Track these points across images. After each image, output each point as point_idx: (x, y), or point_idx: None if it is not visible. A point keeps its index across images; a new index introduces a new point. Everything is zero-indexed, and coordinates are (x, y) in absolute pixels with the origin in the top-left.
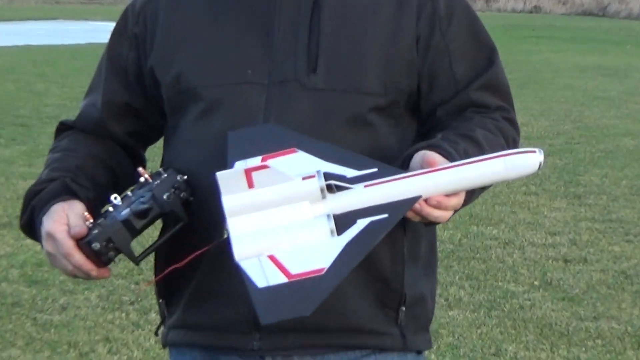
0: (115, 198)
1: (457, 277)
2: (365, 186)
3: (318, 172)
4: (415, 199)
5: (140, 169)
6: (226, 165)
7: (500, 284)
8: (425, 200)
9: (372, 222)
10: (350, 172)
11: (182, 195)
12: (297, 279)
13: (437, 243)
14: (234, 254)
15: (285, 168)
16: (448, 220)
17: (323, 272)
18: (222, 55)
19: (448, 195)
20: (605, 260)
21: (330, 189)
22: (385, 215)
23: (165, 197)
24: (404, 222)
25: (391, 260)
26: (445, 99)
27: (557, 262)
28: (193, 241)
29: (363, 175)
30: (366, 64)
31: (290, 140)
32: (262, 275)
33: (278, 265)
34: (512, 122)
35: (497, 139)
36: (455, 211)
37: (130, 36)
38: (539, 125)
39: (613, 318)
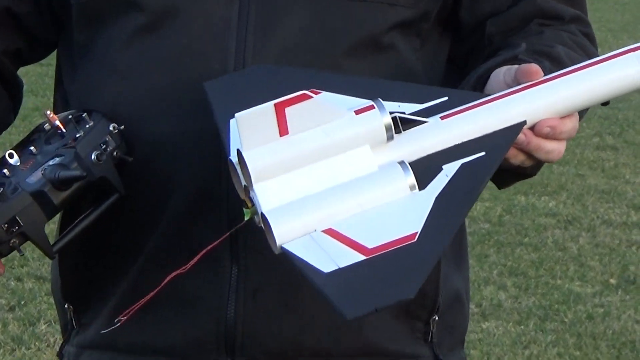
0: (10, 156)
1: (494, 272)
2: (442, 118)
3: (377, 101)
4: (519, 127)
5: (49, 112)
6: (208, 123)
7: (559, 282)
8: (532, 129)
9: (464, 166)
10: (410, 108)
11: (115, 154)
12: (380, 252)
13: (467, 221)
14: (275, 237)
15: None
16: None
17: (416, 238)
18: None
19: (561, 117)
20: None
21: (395, 127)
22: (482, 154)
23: (94, 157)
24: None
25: None
26: (500, 7)
27: None
28: (127, 221)
29: (431, 107)
30: None
31: (303, 79)
32: (324, 256)
33: (343, 240)
34: (592, 39)
35: (582, 59)
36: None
37: None
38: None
39: None
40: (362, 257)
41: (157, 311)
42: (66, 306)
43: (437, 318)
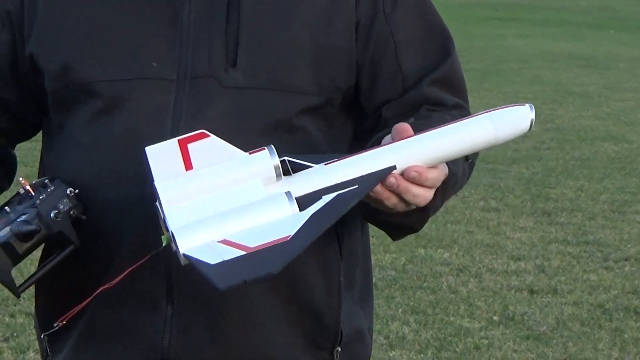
0: None
1: (400, 311)
2: (326, 164)
3: (269, 147)
4: (389, 170)
5: (21, 179)
6: (139, 178)
7: (452, 319)
8: (402, 174)
9: (340, 194)
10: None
11: (72, 213)
12: (258, 249)
13: (377, 269)
14: (180, 248)
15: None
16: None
17: (289, 238)
18: (119, 42)
19: (428, 167)
20: (579, 291)
21: (285, 171)
22: (355, 186)
23: (52, 215)
24: (341, 242)
25: (326, 290)
26: (392, 96)
27: (521, 293)
28: (84, 268)
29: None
30: (297, 56)
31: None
32: (215, 254)
33: (233, 245)
34: None
35: None
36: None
37: (2, 14)
38: None
39: None
40: (243, 253)
41: (111, 340)
42: (42, 337)
43: (340, 349)
